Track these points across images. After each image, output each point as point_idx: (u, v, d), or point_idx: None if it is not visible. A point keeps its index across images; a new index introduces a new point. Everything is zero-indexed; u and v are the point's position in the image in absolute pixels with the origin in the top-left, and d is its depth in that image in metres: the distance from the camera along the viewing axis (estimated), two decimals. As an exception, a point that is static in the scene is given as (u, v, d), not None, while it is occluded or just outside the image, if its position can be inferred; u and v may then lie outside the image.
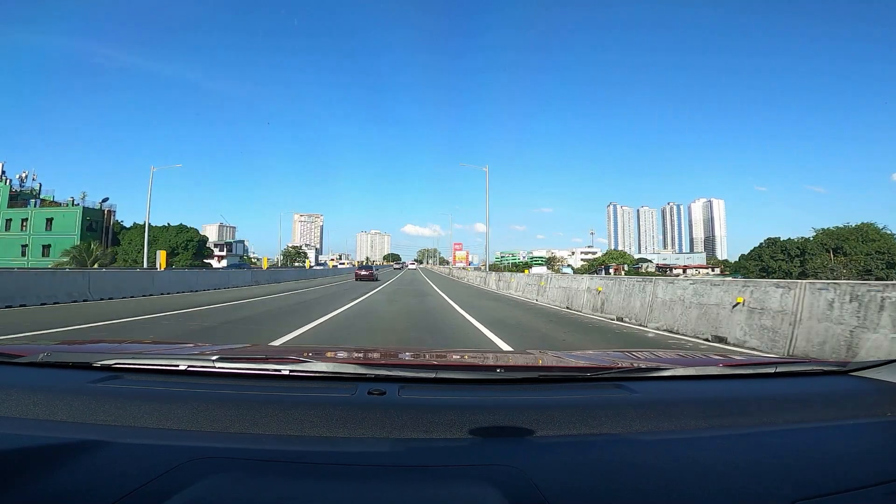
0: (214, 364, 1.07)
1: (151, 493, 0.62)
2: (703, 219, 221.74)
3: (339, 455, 0.75)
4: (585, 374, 1.16)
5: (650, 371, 1.18)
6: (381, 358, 1.45)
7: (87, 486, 0.65)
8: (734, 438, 0.85)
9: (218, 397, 0.93)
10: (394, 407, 0.89)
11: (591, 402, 0.97)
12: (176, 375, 1.06)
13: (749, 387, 1.15)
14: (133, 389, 0.97)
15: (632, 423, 0.88)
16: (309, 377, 1.03)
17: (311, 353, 1.22)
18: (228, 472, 0.68)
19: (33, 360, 1.11)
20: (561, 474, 0.71)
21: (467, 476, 0.70)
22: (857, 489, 0.70)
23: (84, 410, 0.86)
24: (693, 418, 0.92)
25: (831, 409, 1.00)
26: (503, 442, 0.82)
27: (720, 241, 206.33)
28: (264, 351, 1.71)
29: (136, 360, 1.12)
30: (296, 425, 0.82)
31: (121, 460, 0.71)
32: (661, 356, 1.61)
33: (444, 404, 0.92)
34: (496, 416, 0.87)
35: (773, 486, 0.70)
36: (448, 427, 0.83)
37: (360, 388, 0.96)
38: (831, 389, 1.12)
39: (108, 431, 0.79)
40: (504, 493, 0.64)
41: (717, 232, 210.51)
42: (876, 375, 1.13)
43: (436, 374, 1.06)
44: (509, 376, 1.12)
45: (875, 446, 0.87)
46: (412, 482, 0.69)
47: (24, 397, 0.90)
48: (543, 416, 0.87)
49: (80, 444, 0.74)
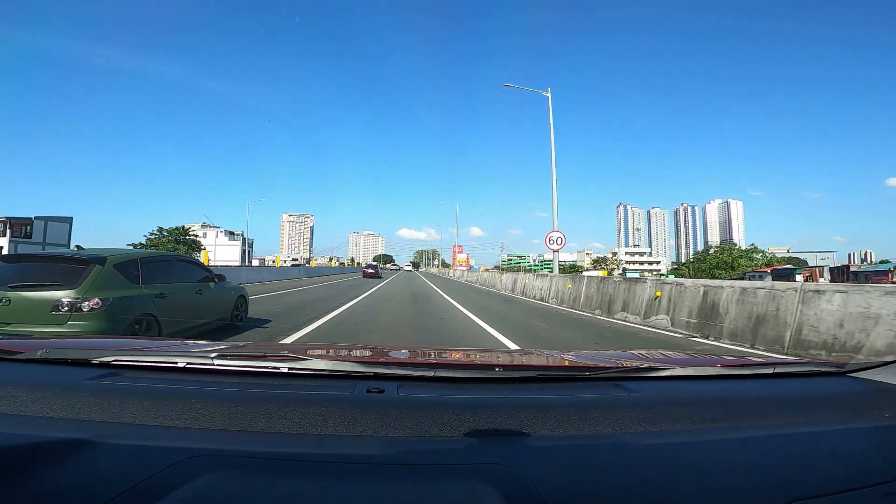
0: (213, 361, 1.06)
1: (149, 490, 0.63)
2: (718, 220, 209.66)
3: (337, 453, 0.75)
4: (584, 373, 1.17)
5: (648, 371, 1.18)
6: (380, 356, 1.47)
7: (85, 482, 0.66)
8: (732, 439, 0.85)
9: (216, 395, 0.92)
10: (392, 405, 0.89)
11: (589, 402, 0.97)
12: (174, 373, 1.05)
13: (747, 387, 1.15)
14: (131, 386, 0.96)
15: (630, 422, 0.87)
16: (308, 375, 1.03)
17: (309, 351, 1.27)
18: (227, 470, 0.69)
19: (31, 356, 1.09)
20: (559, 474, 0.71)
21: (466, 475, 0.70)
22: (854, 490, 0.71)
23: (82, 407, 0.85)
24: (691, 418, 0.92)
25: (829, 410, 1.00)
26: (501, 441, 0.81)
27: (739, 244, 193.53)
28: (263, 348, 1.71)
29: (135, 357, 1.12)
30: (294, 423, 0.82)
31: (119, 457, 0.72)
32: (660, 356, 1.57)
33: (443, 403, 0.92)
34: (495, 416, 0.86)
35: (771, 486, 0.71)
36: (446, 426, 0.82)
37: (359, 387, 0.96)
38: (829, 390, 1.12)
39: (107, 428, 0.79)
40: (502, 492, 0.65)
41: (735, 235, 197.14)
42: (874, 377, 1.13)
43: (434, 372, 1.06)
44: (508, 375, 1.11)
45: (872, 448, 0.88)
46: (410, 481, 0.69)
47: (22, 394, 0.89)
48: (542, 416, 0.87)
49: (78, 440, 0.74)
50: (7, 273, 4.27)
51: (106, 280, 4.28)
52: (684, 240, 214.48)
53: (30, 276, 4.22)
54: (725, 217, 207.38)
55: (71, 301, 3.98)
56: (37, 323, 3.92)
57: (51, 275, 4.22)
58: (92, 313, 4.03)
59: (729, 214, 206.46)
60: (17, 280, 4.13)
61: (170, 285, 5.18)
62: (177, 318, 5.08)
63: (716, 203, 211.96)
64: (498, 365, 1.22)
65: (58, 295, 4.00)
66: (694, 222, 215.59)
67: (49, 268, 4.39)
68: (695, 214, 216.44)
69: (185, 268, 5.95)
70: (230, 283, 6.89)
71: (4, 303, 3.94)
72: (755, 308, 6.12)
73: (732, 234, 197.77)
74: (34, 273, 4.29)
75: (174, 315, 5.03)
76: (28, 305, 3.99)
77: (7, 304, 3.95)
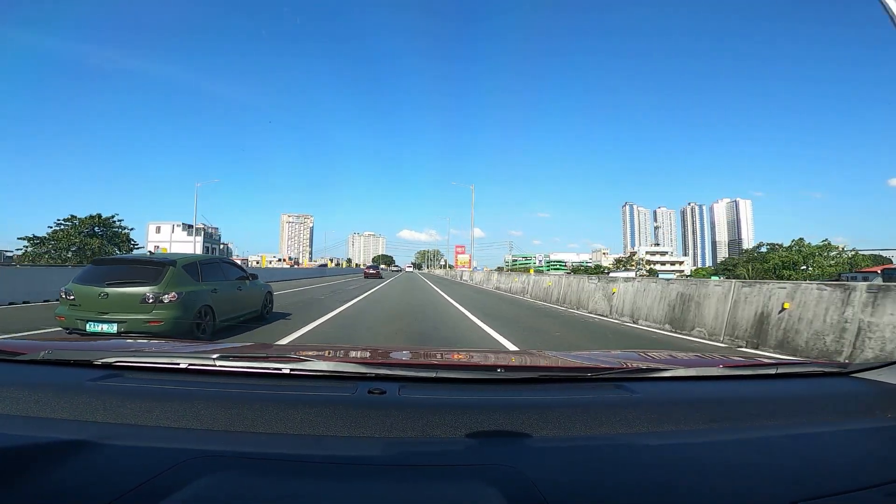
0: (215, 362, 1.06)
1: (151, 491, 0.63)
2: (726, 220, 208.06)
3: (339, 454, 0.75)
4: (586, 374, 1.16)
5: (650, 372, 1.17)
6: (382, 357, 1.46)
7: (87, 483, 0.66)
8: (734, 440, 0.85)
9: (218, 396, 0.93)
10: (394, 406, 0.89)
11: (591, 403, 0.97)
12: (176, 374, 1.05)
13: (749, 388, 1.14)
14: (133, 387, 0.97)
15: (632, 423, 0.87)
16: (309, 376, 1.03)
17: (311, 352, 1.26)
18: (228, 471, 0.69)
19: (34, 357, 1.10)
20: (561, 475, 0.71)
21: (467, 476, 0.70)
22: (856, 490, 0.71)
23: (84, 408, 0.86)
24: (693, 419, 0.92)
25: (831, 410, 1.00)
26: (503, 442, 0.81)
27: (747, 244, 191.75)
28: (265, 349, 1.66)
29: (137, 359, 1.12)
30: (296, 424, 0.82)
31: (121, 458, 0.72)
32: (662, 357, 1.58)
33: (445, 404, 0.92)
34: (496, 416, 0.87)
35: (773, 487, 0.71)
36: (448, 427, 0.83)
37: (361, 388, 0.96)
38: (832, 391, 1.12)
39: (109, 429, 0.79)
40: (504, 493, 0.65)
41: (744, 234, 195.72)
42: (877, 377, 1.13)
43: (436, 373, 1.06)
44: (510, 376, 1.12)
45: (875, 448, 0.87)
46: (412, 482, 0.69)
47: (25, 395, 0.89)
48: (544, 417, 0.87)
49: (80, 441, 0.74)
50: (102, 273, 5.52)
51: (178, 278, 5.53)
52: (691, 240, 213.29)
53: (120, 276, 5.47)
54: (734, 216, 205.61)
55: (155, 294, 5.24)
56: (128, 312, 5.17)
57: (136, 274, 5.48)
58: (171, 304, 5.29)
59: (738, 214, 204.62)
60: (111, 279, 5.38)
61: (219, 282, 6.44)
62: (225, 310, 6.33)
63: (724, 202, 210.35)
64: (499, 366, 1.22)
65: (145, 290, 5.25)
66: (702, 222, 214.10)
67: (134, 269, 5.65)
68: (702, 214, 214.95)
69: (228, 268, 7.21)
70: (260, 282, 8.12)
71: (102, 297, 5.19)
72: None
73: (741, 234, 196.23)
74: (123, 273, 5.55)
75: (223, 307, 6.29)
76: (122, 298, 5.24)
77: (105, 297, 5.19)
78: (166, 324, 5.19)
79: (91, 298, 5.21)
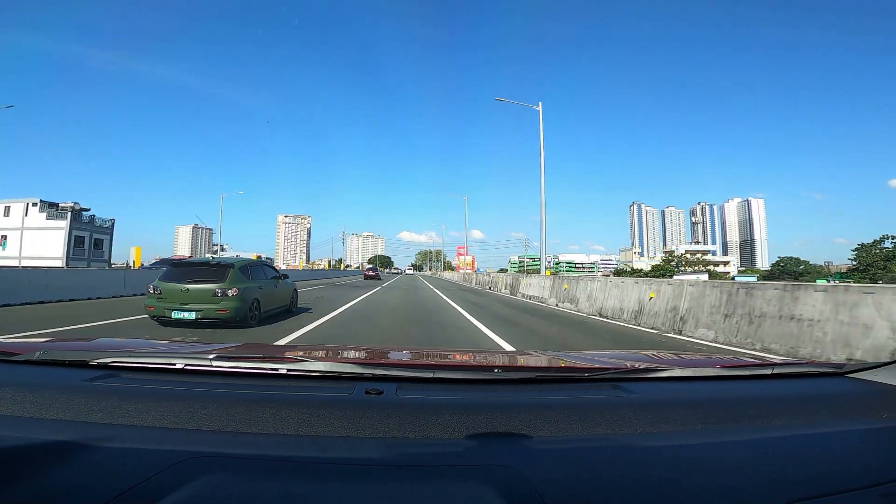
0: (211, 363, 1.07)
1: (147, 492, 0.63)
2: (738, 220, 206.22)
3: (336, 455, 0.75)
4: (583, 374, 1.17)
5: (648, 372, 1.18)
6: (379, 357, 1.47)
7: (84, 484, 0.66)
8: (731, 440, 0.86)
9: (215, 396, 0.93)
10: (391, 407, 0.90)
11: (588, 403, 0.98)
12: (173, 374, 1.06)
13: (746, 388, 1.15)
14: (129, 388, 0.97)
15: (629, 423, 0.88)
16: (306, 376, 1.04)
17: (308, 352, 1.26)
18: (225, 472, 0.69)
19: (29, 357, 1.11)
20: (558, 475, 0.72)
21: (465, 476, 0.71)
22: (852, 491, 0.71)
23: (80, 409, 0.86)
24: (690, 419, 0.93)
25: (828, 410, 1.01)
26: (501, 442, 0.82)
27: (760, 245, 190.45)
28: (262, 350, 1.68)
29: (133, 359, 1.12)
30: (293, 424, 0.82)
31: (117, 459, 0.72)
32: (659, 357, 1.60)
33: (442, 404, 0.92)
34: (494, 417, 0.87)
35: (769, 487, 0.71)
36: (445, 427, 0.83)
37: (358, 388, 0.97)
38: (828, 391, 1.12)
39: (105, 430, 0.79)
40: (501, 493, 0.65)
41: (756, 235, 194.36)
42: (873, 377, 1.14)
43: (433, 373, 1.07)
44: (507, 376, 1.12)
45: (871, 448, 0.88)
46: (409, 482, 0.69)
47: (20, 395, 0.90)
48: (541, 417, 0.87)
49: (75, 442, 0.74)
50: (181, 273, 7.49)
51: (236, 277, 7.45)
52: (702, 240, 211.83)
53: (196, 275, 7.40)
54: (746, 216, 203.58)
55: (223, 289, 7.15)
56: (203, 303, 7.07)
57: (208, 274, 7.41)
58: (234, 297, 7.19)
59: (750, 213, 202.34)
60: (189, 277, 7.33)
61: (263, 281, 8.34)
62: (267, 302, 8.24)
63: (735, 202, 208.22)
64: (497, 366, 1.23)
65: (214, 286, 7.16)
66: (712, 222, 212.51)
67: (205, 270, 7.58)
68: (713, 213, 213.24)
69: (267, 269, 9.15)
70: (289, 280, 10.01)
71: (184, 291, 7.12)
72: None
73: (754, 234, 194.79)
74: (197, 273, 7.49)
75: (266, 300, 8.20)
76: (199, 292, 7.15)
77: (186, 292, 7.12)
78: (230, 312, 7.05)
79: (175, 293, 7.13)
